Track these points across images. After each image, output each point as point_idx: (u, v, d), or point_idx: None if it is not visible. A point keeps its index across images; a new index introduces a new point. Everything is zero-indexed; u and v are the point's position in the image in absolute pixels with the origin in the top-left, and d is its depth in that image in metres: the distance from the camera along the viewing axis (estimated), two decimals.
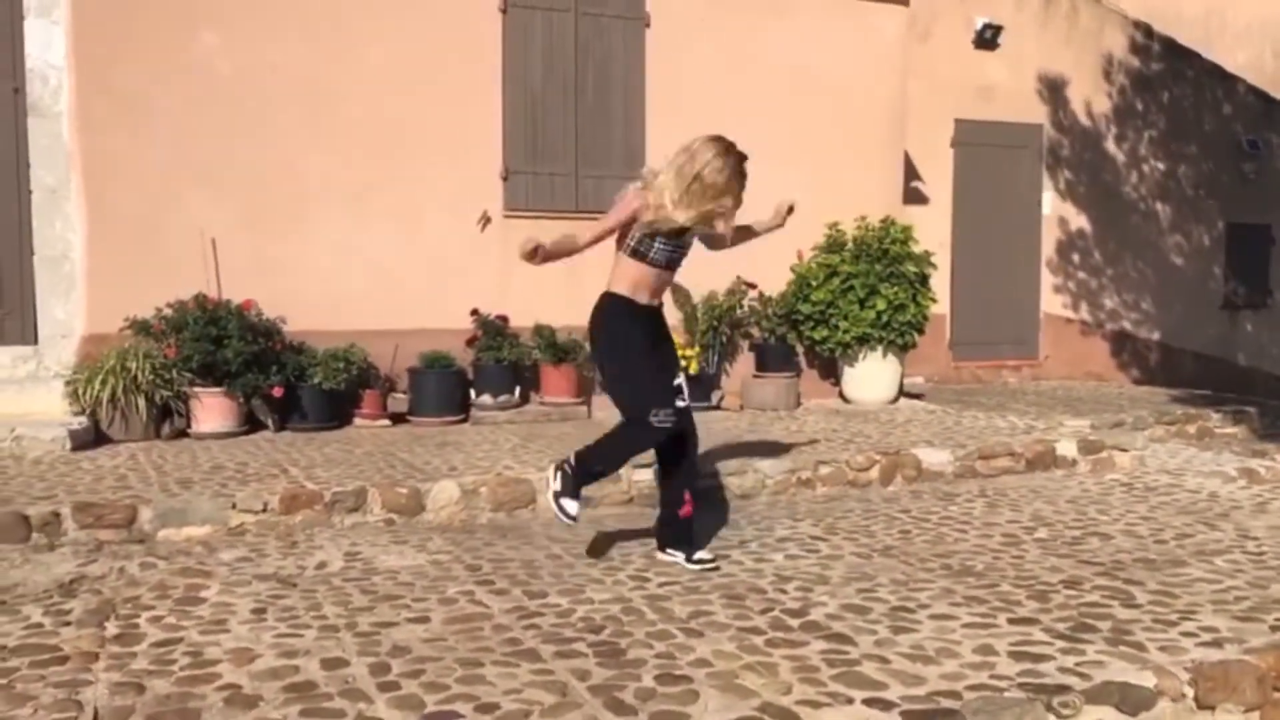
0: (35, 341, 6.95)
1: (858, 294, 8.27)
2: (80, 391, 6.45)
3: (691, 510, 4.43)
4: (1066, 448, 6.64)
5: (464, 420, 7.45)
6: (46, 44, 6.87)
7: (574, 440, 6.59)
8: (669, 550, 4.42)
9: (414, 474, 5.53)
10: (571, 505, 4.19)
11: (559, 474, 4.22)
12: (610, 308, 4.31)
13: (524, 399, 7.75)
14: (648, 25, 8.32)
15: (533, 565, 4.39)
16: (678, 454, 4.42)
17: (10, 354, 6.88)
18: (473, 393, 7.55)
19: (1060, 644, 3.41)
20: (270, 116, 7.34)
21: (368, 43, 7.58)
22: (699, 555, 4.37)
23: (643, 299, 4.31)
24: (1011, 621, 3.65)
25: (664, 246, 4.26)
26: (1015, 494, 5.86)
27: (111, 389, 6.39)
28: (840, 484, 5.97)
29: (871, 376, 8.53)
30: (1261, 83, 13.49)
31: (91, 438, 6.37)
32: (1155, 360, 12.50)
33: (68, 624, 3.61)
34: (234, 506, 4.90)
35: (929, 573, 4.27)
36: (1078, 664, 3.23)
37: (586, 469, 4.26)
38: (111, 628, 3.58)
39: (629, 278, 4.29)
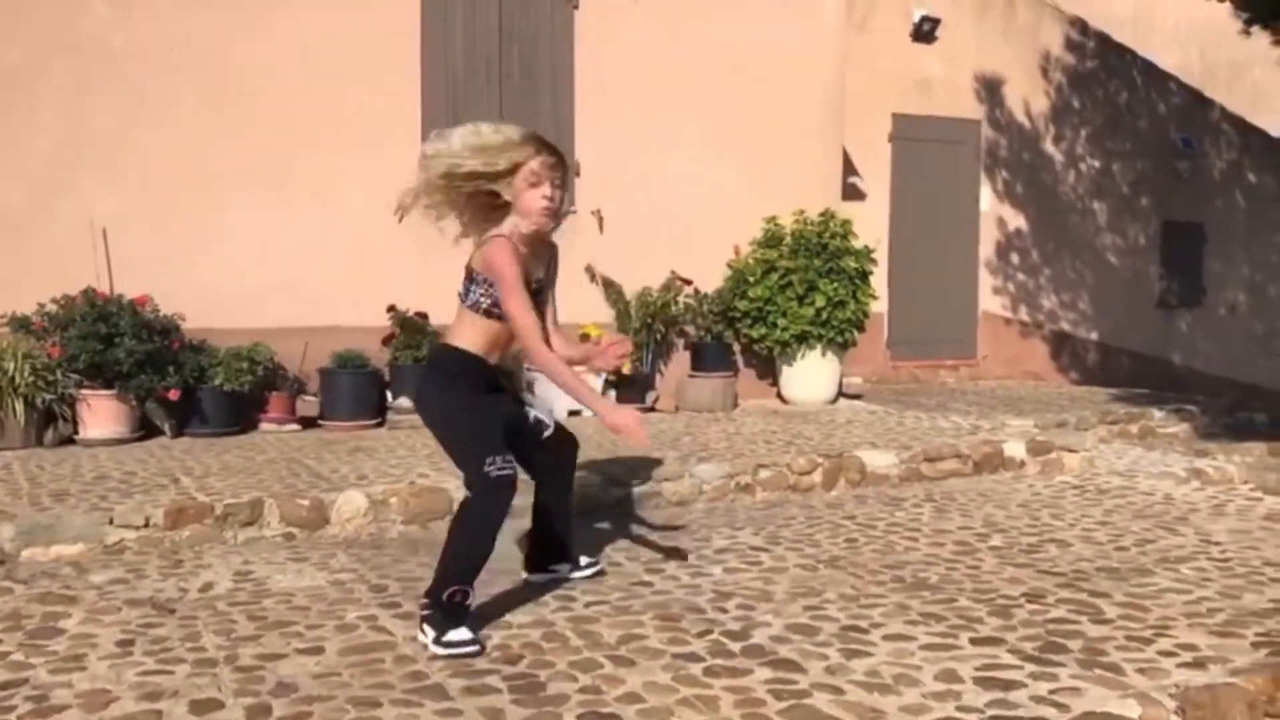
0: None
1: (796, 290, 7.94)
2: None
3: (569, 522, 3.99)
4: (1014, 449, 6.35)
5: (380, 424, 6.97)
6: None
7: None
8: (551, 568, 3.95)
9: (319, 483, 5.05)
10: (459, 633, 3.20)
11: (424, 625, 3.27)
12: (448, 362, 3.56)
13: None
14: (576, 6, 7.90)
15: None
16: (559, 479, 3.87)
17: None
18: (389, 395, 7.07)
19: (1030, 667, 3.06)
20: (169, 96, 6.80)
21: (277, 19, 7.07)
22: (585, 560, 4.04)
23: (493, 358, 3.56)
24: (974, 641, 3.30)
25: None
26: (964, 498, 5.55)
27: None
28: (781, 489, 5.62)
29: (810, 376, 8.20)
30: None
31: None
32: (1093, 360, 12.38)
33: None
34: (111, 522, 4.38)
35: (880, 586, 3.91)
36: (1052, 691, 2.88)
37: (449, 602, 3.26)
38: None
39: (476, 336, 3.50)
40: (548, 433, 3.80)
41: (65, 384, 6.09)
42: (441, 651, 3.18)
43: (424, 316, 7.22)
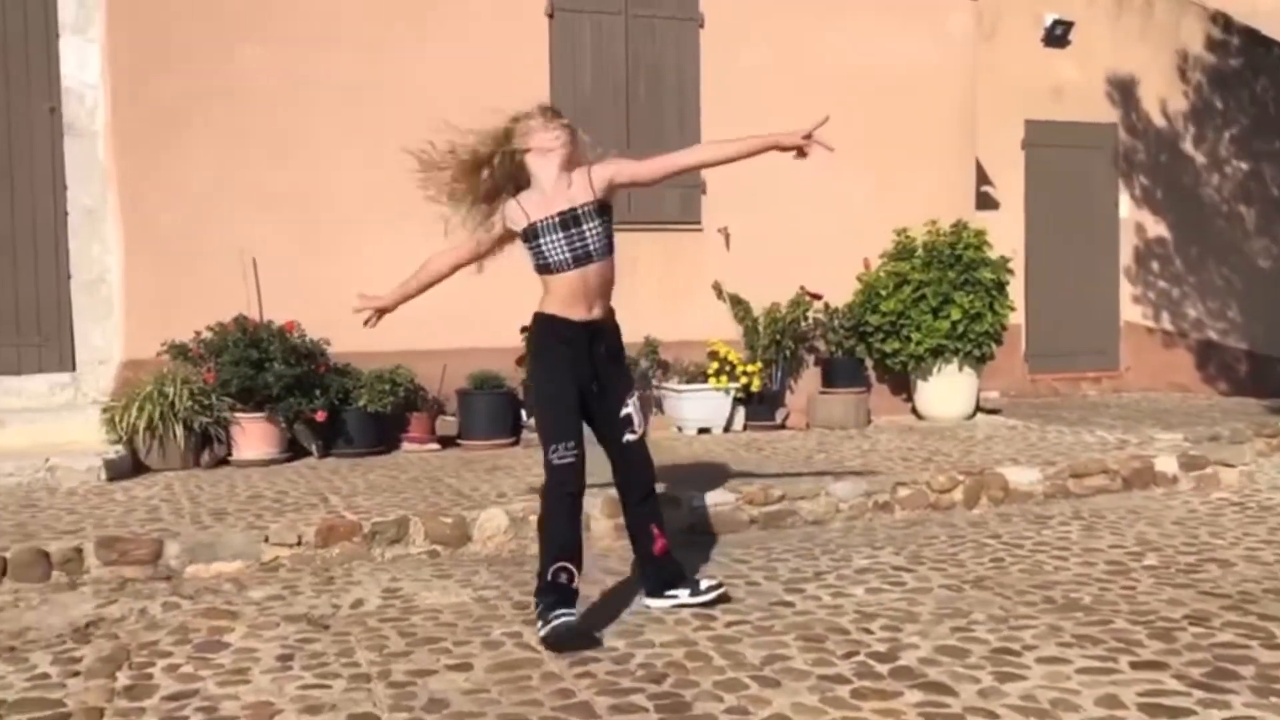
0: (73, 368, 6.72)
1: (930, 303, 7.79)
2: (117, 419, 6.20)
3: (667, 544, 3.91)
4: (1166, 464, 6.10)
5: (515, 443, 7.10)
6: (82, 62, 6.67)
7: None
8: (667, 593, 3.88)
9: (460, 501, 5.17)
10: (573, 621, 3.51)
11: (545, 621, 3.51)
12: (535, 330, 3.86)
13: None
14: (701, 26, 7.95)
15: (585, 601, 3.97)
16: (630, 490, 3.93)
17: (48, 381, 6.65)
18: (524, 414, 7.19)
19: (1199, 694, 2.93)
20: (312, 131, 7.08)
21: (411, 54, 7.30)
22: (705, 584, 3.91)
23: (578, 315, 3.73)
24: (1135, 666, 3.17)
25: (555, 242, 3.71)
26: (1114, 515, 5.35)
27: (149, 416, 6.13)
28: (921, 507, 5.51)
29: (946, 391, 8.02)
30: None
31: (129, 467, 6.11)
32: (1245, 370, 11.78)
33: (76, 674, 3.29)
34: (267, 540, 4.57)
35: (1030, 607, 3.80)
36: None
37: (552, 584, 3.56)
38: (123, 678, 3.25)
39: (553, 296, 3.78)
40: (630, 437, 3.85)
41: (220, 407, 6.37)
42: (566, 641, 3.42)
43: None
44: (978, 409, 8.26)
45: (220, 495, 5.48)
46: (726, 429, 7.63)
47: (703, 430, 7.54)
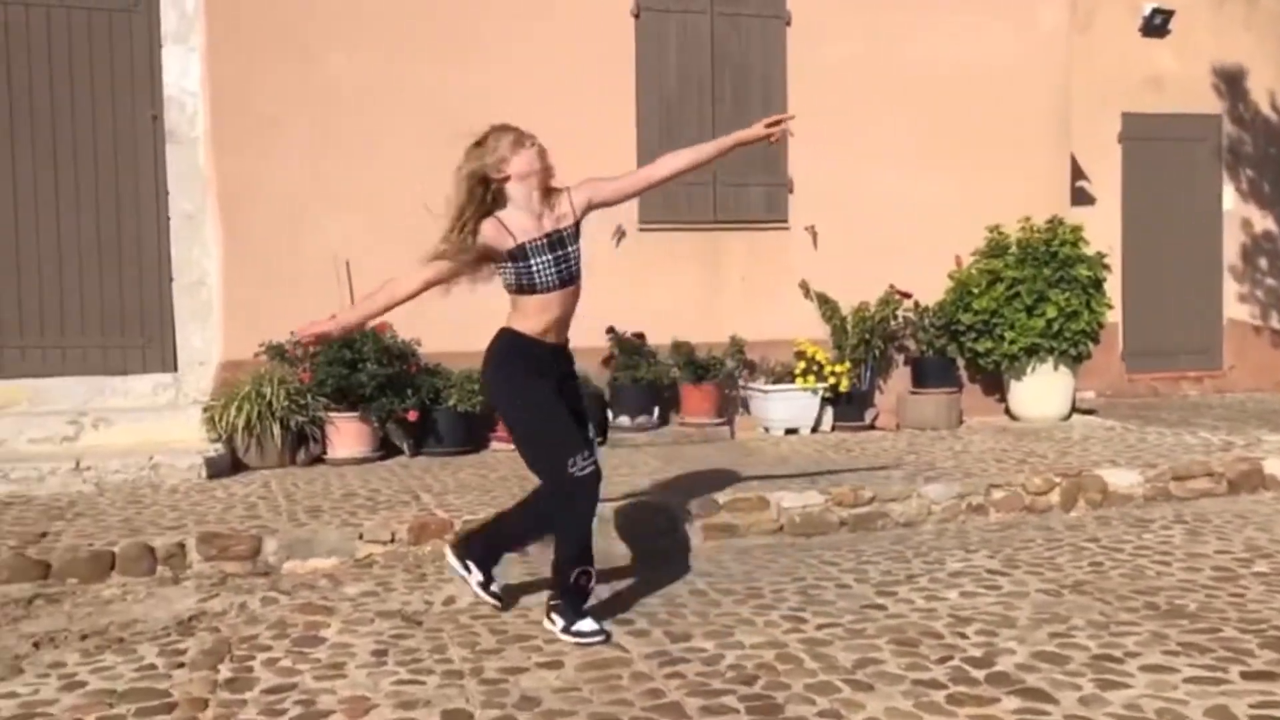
0: (175, 369, 6.92)
1: (1024, 301, 7.61)
2: (217, 419, 6.37)
3: (517, 552, 4.11)
4: (1276, 467, 5.87)
5: (602, 442, 7.10)
6: (183, 71, 6.87)
7: (716, 461, 6.22)
8: (468, 562, 3.88)
9: None
10: (587, 624, 3.55)
11: (552, 615, 3.62)
12: (503, 348, 3.77)
13: (663, 419, 7.38)
14: (788, 24, 7.87)
15: (675, 601, 3.99)
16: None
17: (151, 382, 6.86)
18: (610, 414, 7.21)
19: None
20: (398, 134, 7.17)
21: (496, 55, 7.36)
22: (495, 589, 3.89)
23: (550, 338, 3.76)
24: (1246, 676, 3.06)
25: (544, 264, 3.69)
26: (1219, 520, 5.17)
27: (247, 416, 6.28)
28: (1016, 509, 5.39)
29: (1041, 391, 7.83)
30: None
31: (228, 465, 6.27)
32: None
33: (181, 665, 3.39)
34: (361, 537, 4.66)
35: (1132, 613, 3.69)
36: None
37: (575, 585, 3.62)
38: (225, 671, 3.34)
39: (528, 317, 3.74)
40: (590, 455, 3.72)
41: (315, 407, 6.50)
42: (570, 640, 3.50)
43: (641, 337, 7.34)
44: (1073, 409, 8.06)
45: (315, 493, 5.60)
46: (814, 429, 7.55)
47: (790, 431, 7.48)
